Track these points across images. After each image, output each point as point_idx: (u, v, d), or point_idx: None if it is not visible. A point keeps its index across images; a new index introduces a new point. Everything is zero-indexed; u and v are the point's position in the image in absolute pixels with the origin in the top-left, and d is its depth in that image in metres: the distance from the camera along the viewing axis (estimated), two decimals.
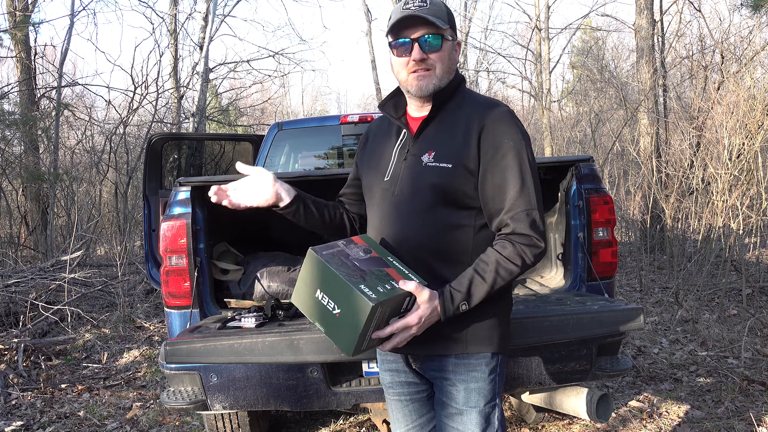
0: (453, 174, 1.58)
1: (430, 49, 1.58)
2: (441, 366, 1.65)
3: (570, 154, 13.36)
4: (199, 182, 2.77)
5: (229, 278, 3.12)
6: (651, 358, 4.50)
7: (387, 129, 1.79)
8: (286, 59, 16.31)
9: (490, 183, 1.57)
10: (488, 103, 1.65)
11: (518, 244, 1.54)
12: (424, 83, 1.60)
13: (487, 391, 1.63)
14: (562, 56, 31.36)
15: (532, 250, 1.55)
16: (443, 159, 1.59)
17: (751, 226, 6.37)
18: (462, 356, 1.62)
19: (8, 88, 10.29)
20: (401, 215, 1.64)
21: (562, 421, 3.52)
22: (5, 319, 5.60)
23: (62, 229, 10.37)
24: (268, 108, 23.23)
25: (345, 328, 1.46)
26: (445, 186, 1.58)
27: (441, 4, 1.62)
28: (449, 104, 1.67)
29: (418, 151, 1.64)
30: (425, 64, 1.59)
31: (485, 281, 1.52)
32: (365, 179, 1.80)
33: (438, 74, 1.60)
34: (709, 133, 7.46)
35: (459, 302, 1.51)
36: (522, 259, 1.54)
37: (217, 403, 2.58)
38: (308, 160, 5.07)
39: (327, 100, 37.23)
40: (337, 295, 1.46)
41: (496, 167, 1.56)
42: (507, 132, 1.58)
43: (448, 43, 1.62)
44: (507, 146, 1.56)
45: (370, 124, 1.91)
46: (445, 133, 1.64)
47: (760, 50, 8.02)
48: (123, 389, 4.47)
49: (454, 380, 1.63)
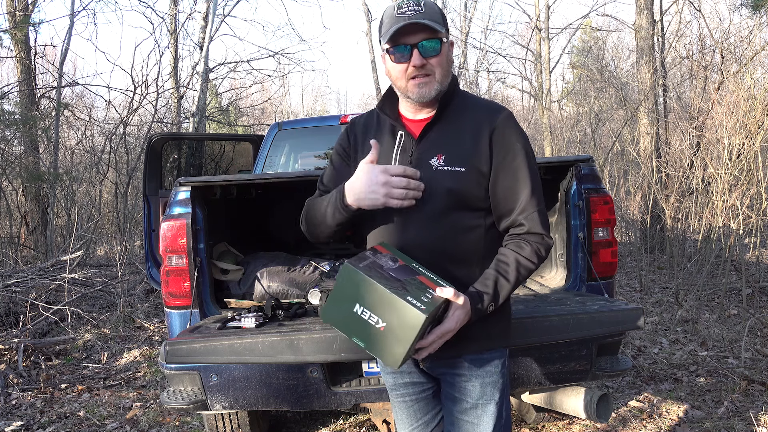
0: (467, 177, 1.58)
1: (430, 54, 1.57)
2: (454, 363, 1.67)
3: (570, 154, 13.37)
4: (199, 182, 2.77)
5: (229, 278, 3.12)
6: (651, 358, 4.50)
7: (377, 130, 1.74)
8: (286, 59, 16.35)
9: (501, 184, 1.60)
10: (492, 107, 1.67)
11: (534, 243, 1.60)
12: (426, 90, 1.59)
13: (500, 384, 1.68)
14: (562, 56, 31.41)
15: (545, 247, 1.61)
16: (455, 162, 1.59)
17: (751, 226, 6.37)
18: (477, 353, 1.65)
19: (8, 88, 10.29)
20: (412, 221, 1.61)
21: (562, 421, 3.52)
22: (5, 319, 5.60)
23: (62, 229, 10.37)
24: (268, 108, 23.24)
25: (391, 342, 1.43)
26: (460, 190, 1.58)
27: (434, 5, 1.60)
28: (450, 106, 1.66)
29: (425, 155, 1.62)
30: (425, 69, 1.57)
31: (509, 281, 1.57)
32: None
33: (438, 78, 1.59)
34: (709, 133, 7.46)
35: (487, 304, 1.54)
36: (538, 257, 1.60)
37: (217, 403, 2.58)
38: (308, 160, 5.07)
39: (327, 100, 37.24)
40: (382, 309, 1.42)
41: (508, 169, 1.59)
42: (515, 135, 1.62)
43: (445, 46, 1.61)
44: (517, 149, 1.60)
45: (351, 124, 1.82)
46: (452, 136, 1.63)
47: (760, 50, 8.02)
48: (123, 389, 4.47)
49: (469, 376, 1.66)
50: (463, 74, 22.31)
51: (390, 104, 1.71)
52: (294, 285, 3.07)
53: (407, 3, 1.56)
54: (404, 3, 1.57)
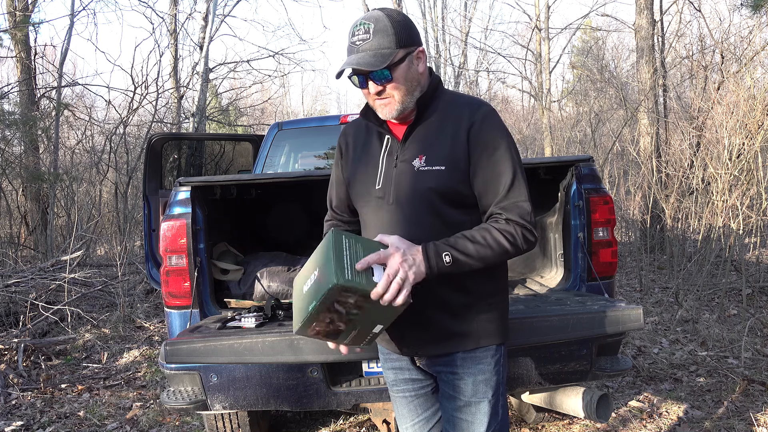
0: (447, 175, 1.60)
1: (383, 82, 1.59)
2: (448, 361, 1.68)
3: (570, 154, 13.37)
4: (199, 182, 2.77)
5: (229, 278, 3.12)
6: (651, 358, 4.50)
7: (366, 136, 1.78)
8: (286, 59, 16.34)
9: (482, 178, 1.60)
10: (472, 103, 1.68)
11: (512, 223, 1.57)
12: (387, 110, 1.63)
13: (493, 382, 1.68)
14: (562, 56, 31.38)
15: (525, 234, 1.57)
16: (435, 162, 1.62)
17: (751, 226, 6.37)
18: (469, 350, 1.66)
19: (8, 88, 10.29)
20: (399, 222, 1.64)
21: (562, 421, 3.52)
22: (5, 319, 5.60)
23: (62, 229, 10.38)
24: (268, 108, 23.25)
25: (302, 302, 1.45)
26: (441, 188, 1.61)
27: (386, 26, 1.57)
28: (431, 107, 1.68)
29: (408, 157, 1.66)
30: (384, 94, 1.61)
31: (472, 241, 1.53)
32: (354, 188, 1.78)
33: (399, 99, 1.61)
34: (709, 133, 7.47)
35: (443, 251, 1.50)
36: (514, 236, 1.56)
37: (217, 403, 2.58)
38: (308, 160, 5.07)
39: (327, 100, 37.24)
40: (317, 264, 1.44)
41: (488, 162, 1.59)
42: (494, 128, 1.62)
43: (402, 66, 1.59)
44: (496, 142, 1.60)
45: (343, 133, 1.87)
46: (433, 136, 1.65)
47: (760, 50, 8.02)
48: (123, 389, 4.47)
49: (461, 374, 1.67)
50: (463, 74, 22.33)
51: (373, 111, 1.72)
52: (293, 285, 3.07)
53: (358, 28, 1.57)
54: (356, 28, 1.58)
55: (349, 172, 1.80)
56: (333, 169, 1.90)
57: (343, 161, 1.84)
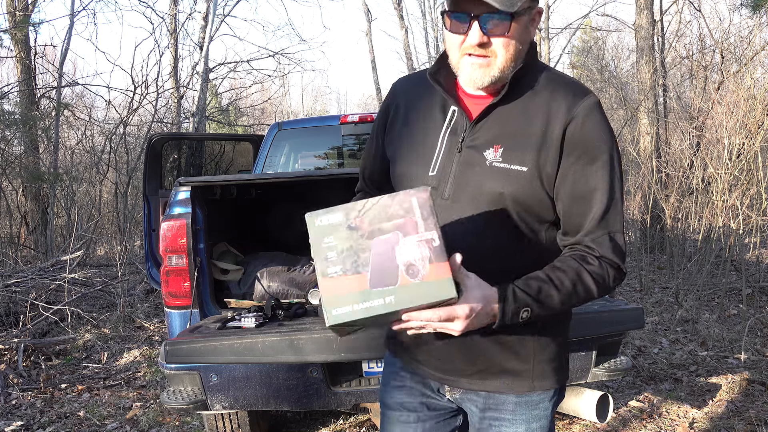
0: (529, 181, 1.25)
1: (494, 33, 1.20)
2: (494, 404, 1.37)
3: None
4: (199, 182, 2.77)
5: (229, 278, 3.12)
6: (651, 358, 4.50)
7: (427, 101, 1.37)
8: (286, 59, 16.26)
9: (570, 190, 1.25)
10: (575, 89, 1.28)
11: (605, 263, 1.25)
12: (478, 75, 1.24)
13: (548, 429, 1.39)
14: (562, 56, 31.34)
15: (616, 276, 1.27)
16: (515, 159, 1.25)
17: (751, 226, 6.37)
18: (525, 394, 1.35)
19: (8, 88, 10.29)
20: (454, 227, 1.28)
21: (562, 421, 3.52)
22: (5, 319, 5.60)
23: (62, 229, 10.37)
24: (268, 108, 23.24)
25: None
26: (519, 196, 1.25)
27: None
28: (522, 83, 1.28)
29: (480, 144, 1.28)
30: (484, 50, 1.22)
31: (559, 291, 1.21)
32: (399, 168, 1.38)
33: (499, 64, 1.23)
34: (709, 133, 7.47)
35: (522, 306, 1.19)
36: (604, 280, 1.25)
37: (217, 403, 2.58)
38: (308, 160, 5.07)
39: (327, 100, 37.19)
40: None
41: (582, 172, 1.25)
42: (598, 129, 1.25)
43: (521, 21, 1.22)
44: (598, 149, 1.25)
45: (393, 91, 1.46)
46: (517, 123, 1.27)
47: (760, 50, 8.03)
48: (123, 389, 4.47)
49: (513, 420, 1.36)
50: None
51: (447, 72, 1.32)
52: (294, 285, 3.07)
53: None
54: None
55: (395, 146, 1.40)
56: (371, 138, 1.50)
57: (388, 129, 1.43)
